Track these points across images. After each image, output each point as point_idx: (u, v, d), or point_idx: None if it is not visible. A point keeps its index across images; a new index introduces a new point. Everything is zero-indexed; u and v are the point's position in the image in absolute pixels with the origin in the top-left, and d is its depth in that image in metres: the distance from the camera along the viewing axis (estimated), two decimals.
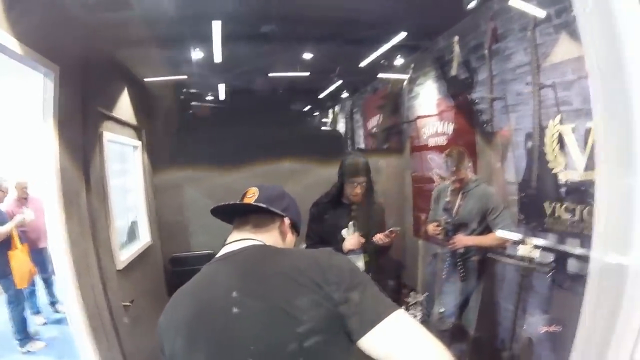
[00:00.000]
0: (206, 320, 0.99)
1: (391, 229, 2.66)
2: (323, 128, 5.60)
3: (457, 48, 3.41)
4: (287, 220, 1.26)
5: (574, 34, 2.32)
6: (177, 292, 1.11)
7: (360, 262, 2.63)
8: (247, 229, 1.20)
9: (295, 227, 1.33)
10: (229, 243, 1.17)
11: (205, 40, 3.37)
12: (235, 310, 0.97)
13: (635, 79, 0.76)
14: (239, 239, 1.16)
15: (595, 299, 0.86)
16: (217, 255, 1.14)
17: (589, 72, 0.82)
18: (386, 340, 0.91)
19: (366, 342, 0.91)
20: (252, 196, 1.24)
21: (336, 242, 2.65)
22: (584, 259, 2.33)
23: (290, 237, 1.30)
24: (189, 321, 1.02)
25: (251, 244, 1.14)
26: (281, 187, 1.34)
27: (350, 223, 2.72)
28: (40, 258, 4.63)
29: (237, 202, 1.24)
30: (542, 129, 2.68)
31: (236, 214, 1.24)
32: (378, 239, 2.65)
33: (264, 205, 1.19)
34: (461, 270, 3.06)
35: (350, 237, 2.66)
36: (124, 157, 3.68)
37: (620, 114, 0.79)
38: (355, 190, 2.63)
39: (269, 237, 1.21)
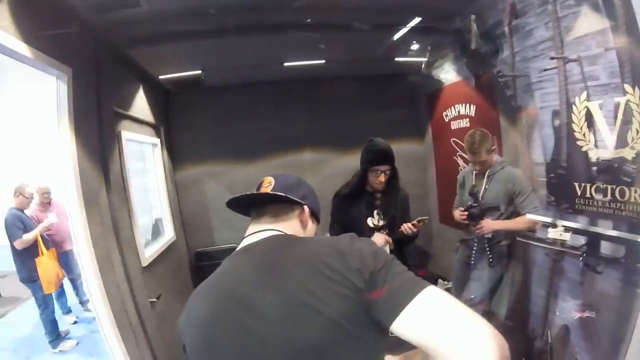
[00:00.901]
0: (225, 315, 0.96)
1: (419, 218, 2.58)
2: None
3: (474, 26, 3.28)
4: (306, 209, 1.23)
5: (597, 6, 2.19)
6: (197, 289, 1.09)
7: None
8: (265, 219, 1.17)
9: (314, 215, 1.29)
10: (248, 235, 1.14)
11: (218, 33, 3.34)
12: (255, 303, 0.93)
13: None
14: (259, 230, 1.13)
15: None
16: (237, 249, 1.11)
17: None
18: (419, 321, 0.84)
19: (398, 327, 0.85)
20: (268, 185, 1.20)
21: (362, 231, 2.60)
22: (617, 241, 2.23)
23: (311, 226, 1.27)
24: (209, 316, 0.99)
25: (271, 235, 1.10)
26: (297, 175, 1.30)
27: (375, 212, 2.67)
28: (66, 260, 4.74)
29: (254, 192, 1.20)
30: (569, 106, 2.55)
31: (253, 205, 1.21)
32: (406, 229, 2.58)
33: (282, 194, 1.16)
34: (489, 256, 2.99)
35: (377, 237, 2.60)
36: (143, 155, 3.71)
37: None
38: (379, 178, 2.57)
39: (289, 226, 1.18)
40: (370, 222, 2.66)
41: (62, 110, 2.30)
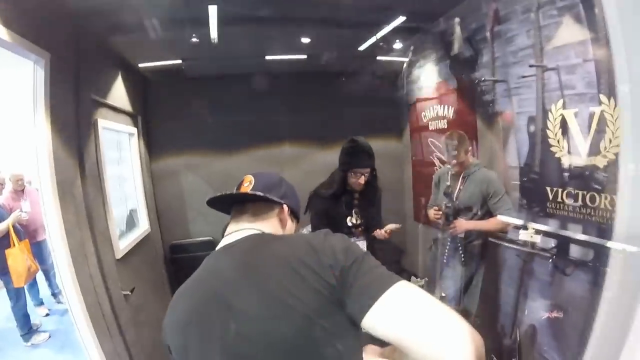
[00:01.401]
0: (206, 314, 0.97)
1: (393, 226, 2.71)
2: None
3: (458, 29, 3.33)
4: (285, 208, 1.24)
5: (579, 17, 2.26)
6: (179, 289, 1.09)
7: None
8: (245, 218, 1.18)
9: (294, 214, 1.31)
10: (228, 234, 1.14)
11: (200, 23, 3.29)
12: (234, 301, 0.94)
13: None
14: (238, 230, 1.14)
15: (615, 290, 0.82)
16: (217, 248, 1.12)
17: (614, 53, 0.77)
18: (390, 317, 0.83)
19: (369, 323, 0.85)
20: (248, 185, 1.21)
21: (342, 231, 2.63)
22: (586, 245, 2.32)
23: (290, 224, 1.28)
24: (190, 316, 1.00)
25: (249, 234, 1.11)
26: (277, 174, 1.31)
27: (354, 211, 2.72)
28: (39, 250, 4.62)
29: (234, 192, 1.21)
30: (544, 113, 2.63)
31: (233, 204, 1.22)
32: (379, 235, 2.67)
33: (261, 194, 1.16)
34: (462, 255, 3.07)
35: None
36: (120, 144, 3.64)
37: None
38: (359, 180, 2.60)
39: (268, 225, 1.19)
40: (349, 221, 2.71)
41: (39, 97, 2.23)
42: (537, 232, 2.64)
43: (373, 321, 0.85)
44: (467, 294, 3.16)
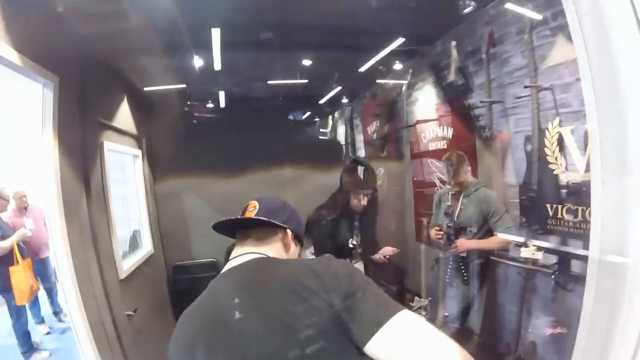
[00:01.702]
0: (212, 336, 0.99)
1: (391, 251, 2.77)
2: (322, 135, 5.62)
3: (454, 53, 3.42)
4: (289, 232, 1.26)
5: (571, 36, 2.32)
6: (185, 312, 1.11)
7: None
8: (249, 242, 1.20)
9: (297, 238, 1.33)
10: (233, 258, 1.17)
11: (203, 48, 3.38)
12: (237, 323, 0.96)
13: (628, 79, 0.76)
14: (242, 254, 1.17)
15: (594, 301, 0.85)
16: (222, 271, 1.15)
17: (582, 75, 0.82)
18: (392, 344, 0.87)
19: (372, 348, 0.88)
20: (252, 210, 1.23)
21: (345, 253, 2.66)
22: (587, 260, 2.32)
23: (294, 248, 1.30)
24: (195, 338, 1.02)
25: (253, 258, 1.14)
26: (281, 198, 1.34)
27: (354, 232, 2.72)
28: (41, 268, 4.61)
29: (238, 217, 1.24)
30: (541, 131, 2.67)
31: (238, 228, 1.24)
32: (377, 259, 2.68)
33: (265, 219, 1.19)
34: (464, 274, 3.06)
35: None
36: (124, 166, 3.69)
37: (614, 116, 0.78)
38: (362, 201, 2.62)
39: (272, 249, 1.21)
40: (350, 243, 2.71)
41: (47, 118, 2.28)
42: (539, 249, 2.65)
43: (377, 346, 0.88)
44: (470, 313, 3.15)
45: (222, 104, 4.73)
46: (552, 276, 2.61)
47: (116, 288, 2.89)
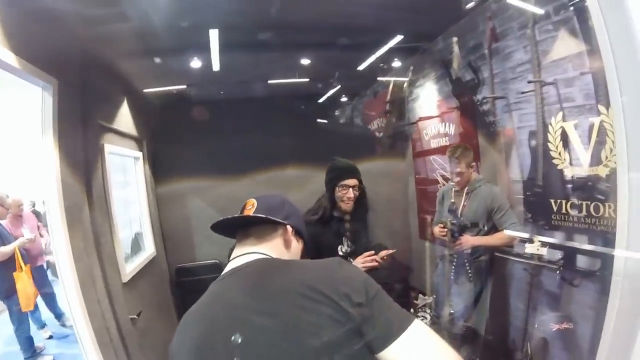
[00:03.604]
0: (217, 340, 0.96)
1: (386, 252, 2.39)
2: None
3: (456, 48, 3.40)
4: (289, 228, 1.25)
5: (574, 30, 2.31)
6: (187, 313, 1.09)
7: None
8: (250, 241, 1.18)
9: (299, 233, 1.31)
10: (234, 258, 1.15)
11: (203, 49, 3.37)
12: (246, 328, 0.94)
13: None
14: (244, 253, 1.15)
15: (620, 301, 0.83)
16: (224, 272, 1.12)
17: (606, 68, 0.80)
18: (407, 353, 0.90)
19: (390, 354, 0.90)
20: (251, 207, 1.22)
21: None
22: (593, 255, 2.32)
23: (296, 245, 1.29)
24: (198, 341, 0.99)
25: (256, 258, 1.12)
26: (280, 194, 1.33)
27: (344, 238, 2.48)
28: (39, 275, 4.61)
29: (236, 215, 1.22)
30: (545, 126, 2.66)
31: (237, 228, 1.22)
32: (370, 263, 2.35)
33: (263, 216, 1.18)
34: (469, 271, 3.05)
35: (357, 262, 2.37)
36: (125, 168, 3.68)
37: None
38: (347, 194, 2.39)
39: (273, 247, 1.19)
40: (340, 250, 2.49)
41: (47, 122, 2.26)
42: (544, 244, 2.63)
43: (394, 353, 0.90)
44: (476, 310, 3.13)
45: (223, 105, 4.71)
46: (558, 272, 2.59)
47: (119, 292, 2.87)
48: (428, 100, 4.31)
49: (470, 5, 2.79)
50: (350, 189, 2.40)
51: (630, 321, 0.80)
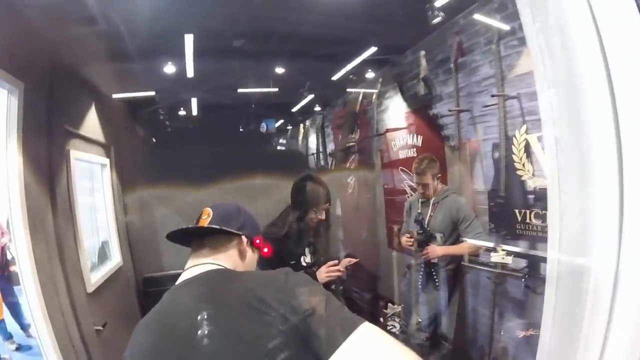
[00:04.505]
0: (165, 350, 0.96)
1: (348, 260, 2.47)
2: (291, 144, 5.63)
3: (424, 62, 3.50)
4: (244, 239, 1.23)
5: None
6: (140, 323, 1.07)
7: None
8: (204, 252, 1.17)
9: (254, 244, 1.30)
10: (188, 269, 1.13)
11: (173, 56, 3.35)
12: (193, 338, 0.93)
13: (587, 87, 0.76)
14: (197, 264, 1.13)
15: (555, 305, 0.85)
16: (177, 283, 1.11)
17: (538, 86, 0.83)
18: (358, 356, 0.86)
19: None
20: (206, 217, 1.21)
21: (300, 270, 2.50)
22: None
23: (251, 255, 1.27)
24: (150, 351, 0.99)
25: (208, 269, 1.11)
26: (236, 204, 1.31)
27: (307, 249, 2.51)
28: (2, 284, 4.42)
29: (190, 226, 1.21)
30: (508, 139, 2.75)
31: (193, 238, 1.21)
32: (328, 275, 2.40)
33: (217, 227, 1.17)
34: (436, 280, 3.10)
35: (322, 272, 2.42)
36: (92, 175, 3.59)
37: (573, 123, 0.79)
38: (321, 216, 2.42)
39: (228, 258, 1.18)
40: (302, 260, 2.49)
41: (12, 126, 2.20)
42: (508, 253, 2.71)
43: (342, 359, 0.86)
44: (444, 318, 3.19)
45: (193, 112, 4.67)
46: (522, 280, 2.67)
47: (84, 302, 2.79)
48: (396, 111, 4.39)
49: (436, 20, 2.87)
50: (323, 212, 2.43)
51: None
